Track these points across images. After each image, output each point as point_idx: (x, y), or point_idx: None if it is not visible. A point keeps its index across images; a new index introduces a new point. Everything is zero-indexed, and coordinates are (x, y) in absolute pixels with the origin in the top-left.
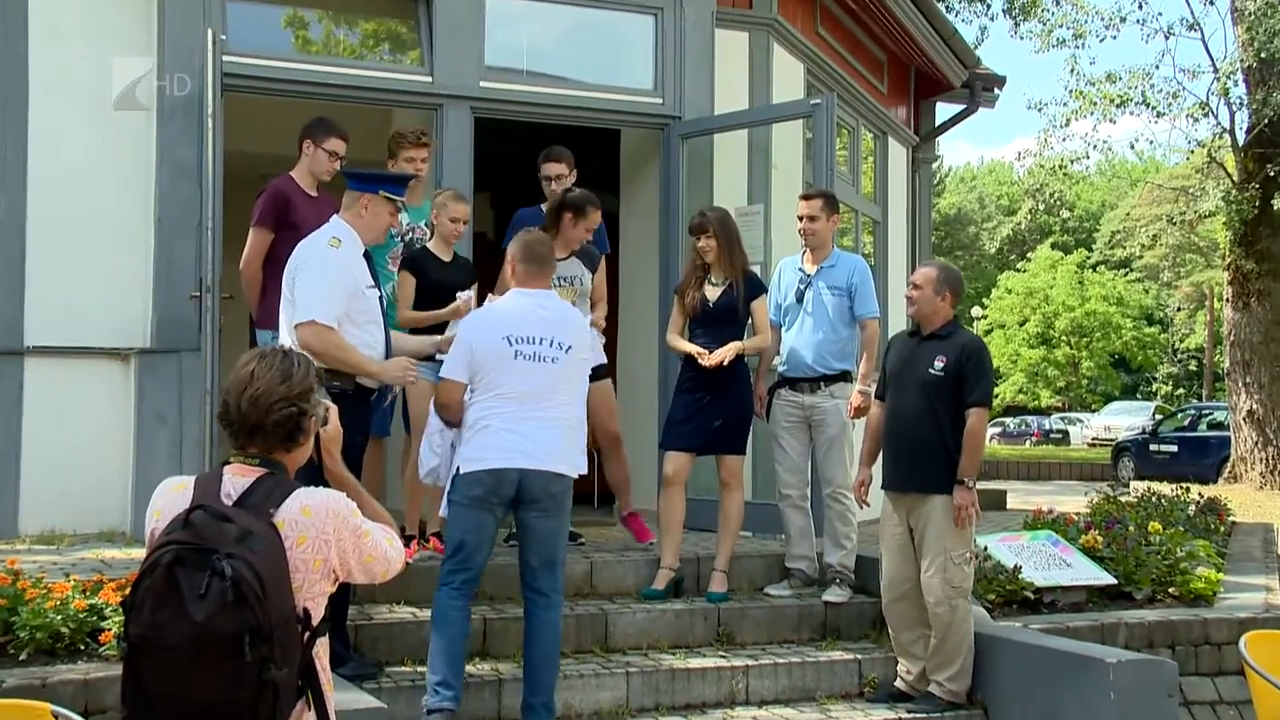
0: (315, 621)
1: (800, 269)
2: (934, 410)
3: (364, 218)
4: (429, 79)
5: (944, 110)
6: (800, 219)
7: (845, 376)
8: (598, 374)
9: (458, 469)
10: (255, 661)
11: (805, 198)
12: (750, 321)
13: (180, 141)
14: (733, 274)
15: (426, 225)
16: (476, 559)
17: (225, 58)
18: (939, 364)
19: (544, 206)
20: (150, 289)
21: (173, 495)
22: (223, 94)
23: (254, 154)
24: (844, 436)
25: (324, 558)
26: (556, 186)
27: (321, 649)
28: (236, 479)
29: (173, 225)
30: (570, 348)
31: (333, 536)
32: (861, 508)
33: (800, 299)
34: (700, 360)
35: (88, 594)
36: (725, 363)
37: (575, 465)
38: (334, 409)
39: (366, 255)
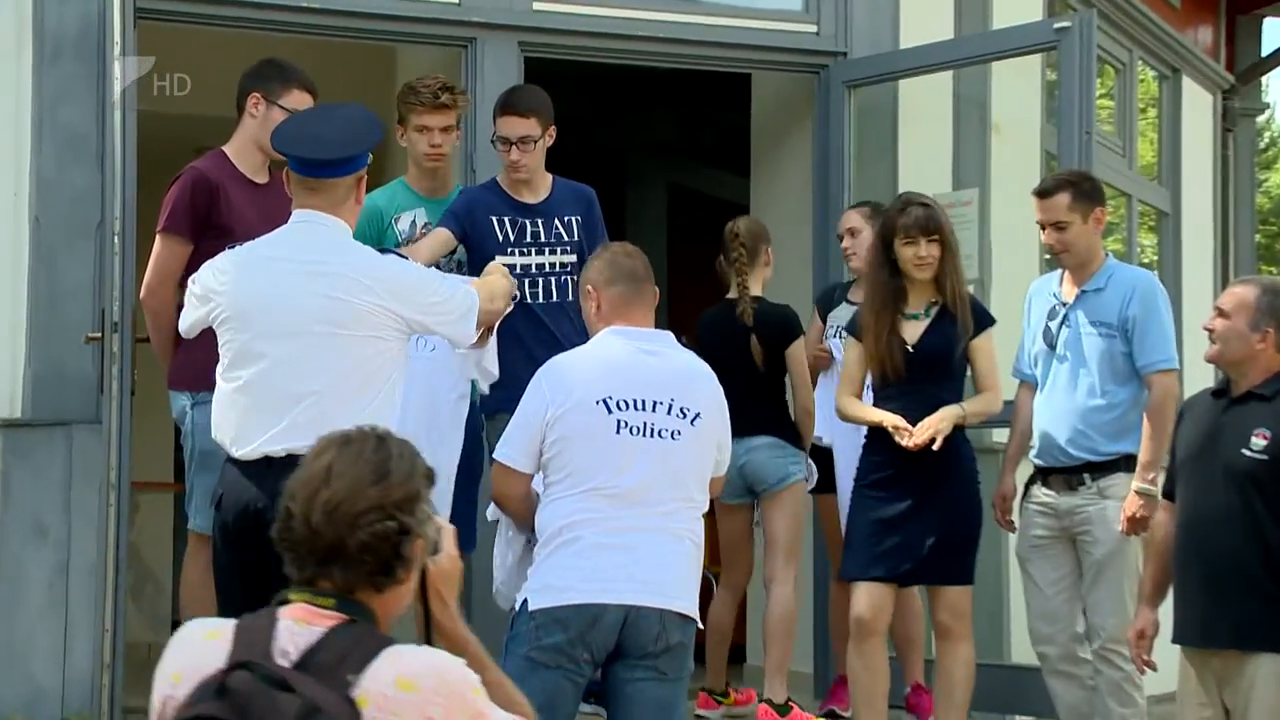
0: None
1: (1054, 294)
2: (1252, 515)
3: (358, 207)
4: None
5: (1277, 31)
6: (1041, 227)
7: (1125, 464)
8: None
9: (524, 602)
10: None
11: (1042, 195)
12: (970, 372)
13: (70, 97)
14: (946, 297)
15: None
16: None
17: None
18: (1259, 440)
19: (499, 179)
20: (23, 327)
21: (200, 647)
22: (136, 23)
23: (188, 117)
24: (1120, 560)
25: None
26: (521, 154)
27: None
28: (300, 628)
29: (59, 228)
30: (698, 416)
31: None
32: (1143, 673)
33: (1053, 343)
34: (899, 438)
35: None
36: (937, 442)
37: (696, 604)
38: (449, 530)
39: None
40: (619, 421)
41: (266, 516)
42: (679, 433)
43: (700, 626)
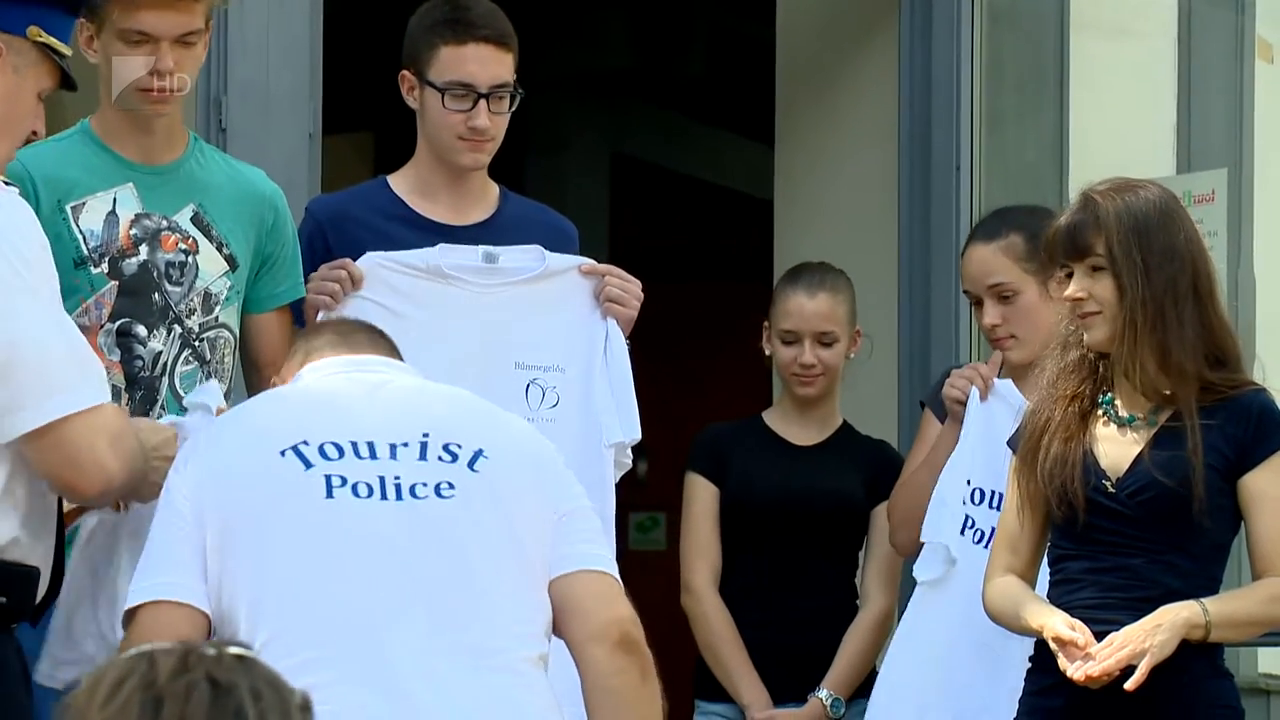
0: None
1: None
2: None
3: None
4: None
5: None
6: None
7: None
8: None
9: None
10: None
11: None
12: (1245, 534)
13: None
14: (1173, 383)
15: (193, 224)
16: None
17: None
18: None
19: (392, 181)
20: None
21: None
22: None
23: None
24: None
25: None
26: (493, 120)
27: None
28: None
29: None
30: (480, 455)
31: None
32: None
33: None
34: (1064, 661)
35: None
36: (1137, 675)
37: None
38: None
39: None
40: (329, 478)
41: None
42: (453, 486)
43: None
